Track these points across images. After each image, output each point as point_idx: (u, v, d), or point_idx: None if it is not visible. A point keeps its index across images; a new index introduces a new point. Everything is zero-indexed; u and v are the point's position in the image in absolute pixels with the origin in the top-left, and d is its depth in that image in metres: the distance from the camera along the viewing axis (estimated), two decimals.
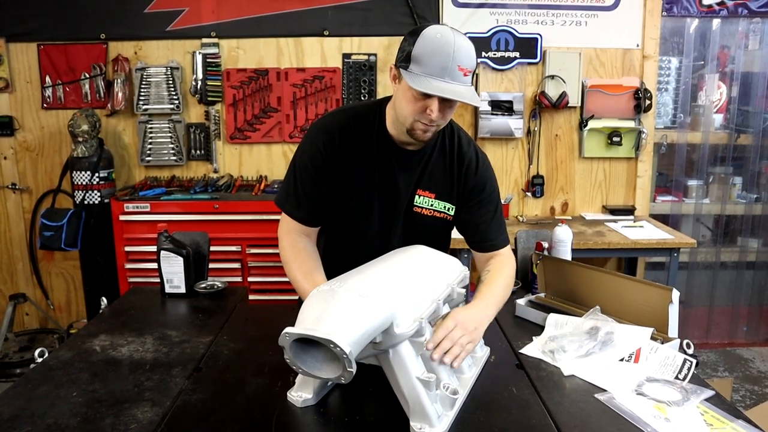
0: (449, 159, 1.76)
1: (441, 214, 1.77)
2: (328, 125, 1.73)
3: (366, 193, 1.73)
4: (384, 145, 1.71)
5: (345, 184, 1.72)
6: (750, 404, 3.42)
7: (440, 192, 1.76)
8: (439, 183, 1.76)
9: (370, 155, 1.71)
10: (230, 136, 3.91)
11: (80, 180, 3.62)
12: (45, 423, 1.27)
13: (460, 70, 1.50)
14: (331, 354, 1.13)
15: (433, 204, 1.76)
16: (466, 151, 1.79)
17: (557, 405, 1.35)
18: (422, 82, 1.49)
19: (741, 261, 4.31)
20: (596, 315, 1.67)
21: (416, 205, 1.75)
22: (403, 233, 1.76)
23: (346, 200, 1.74)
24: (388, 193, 1.73)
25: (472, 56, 1.54)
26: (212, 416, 1.30)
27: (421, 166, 1.74)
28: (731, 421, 1.26)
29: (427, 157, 1.74)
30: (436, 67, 1.49)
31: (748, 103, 4.12)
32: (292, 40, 3.85)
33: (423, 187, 1.74)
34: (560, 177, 4.06)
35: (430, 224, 1.76)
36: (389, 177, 1.72)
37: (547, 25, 3.87)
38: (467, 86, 1.52)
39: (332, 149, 1.69)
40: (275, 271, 3.57)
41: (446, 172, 1.76)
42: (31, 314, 4.18)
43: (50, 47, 3.81)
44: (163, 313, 1.98)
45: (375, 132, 1.72)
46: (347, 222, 1.78)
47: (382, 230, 1.76)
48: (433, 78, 1.49)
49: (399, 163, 1.72)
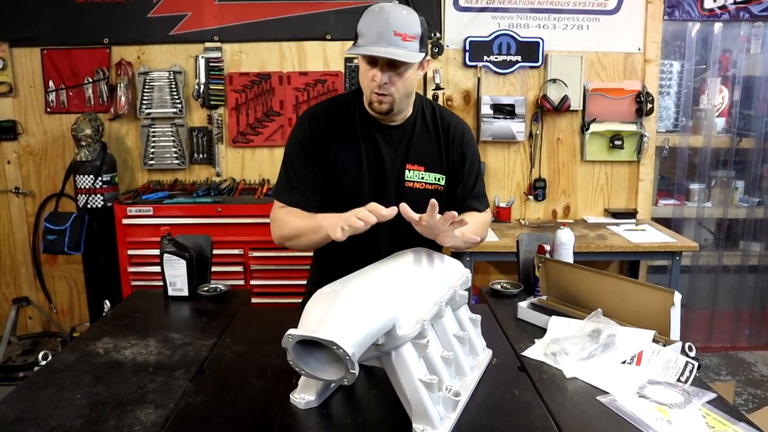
0: (434, 130, 1.86)
1: (432, 186, 1.85)
2: (311, 112, 1.86)
3: (356, 172, 1.81)
4: (366, 124, 1.82)
5: (335, 166, 1.81)
6: (752, 408, 3.41)
7: (429, 164, 1.84)
8: (427, 155, 1.84)
9: (354, 134, 1.81)
10: (233, 140, 3.92)
11: (83, 184, 3.63)
12: (49, 425, 1.27)
13: (397, 35, 1.61)
14: (334, 356, 1.13)
15: (424, 177, 1.84)
16: (450, 120, 1.90)
17: (559, 407, 1.35)
18: (356, 48, 1.64)
19: (743, 265, 4.31)
20: (598, 318, 1.67)
21: (408, 180, 1.83)
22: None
23: (337, 182, 1.82)
24: (377, 170, 1.82)
25: (411, 23, 1.64)
26: (215, 418, 1.31)
27: (405, 140, 1.83)
28: (733, 424, 1.26)
29: (410, 131, 1.83)
30: (372, 36, 1.61)
31: (750, 106, 4.12)
32: (295, 44, 3.86)
33: (411, 161, 1.83)
34: (562, 180, 4.06)
35: (421, 198, 1.79)
36: (376, 153, 1.82)
37: (548, 29, 3.88)
38: (405, 50, 1.62)
39: (318, 132, 1.80)
40: (278, 274, 3.57)
41: (432, 143, 1.85)
42: (34, 318, 4.19)
43: (53, 52, 3.83)
44: (166, 315, 1.99)
45: (357, 113, 1.82)
46: (340, 204, 1.80)
47: None
48: (369, 45, 1.61)
49: (383, 138, 1.82)
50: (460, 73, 3.92)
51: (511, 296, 2.06)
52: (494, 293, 2.10)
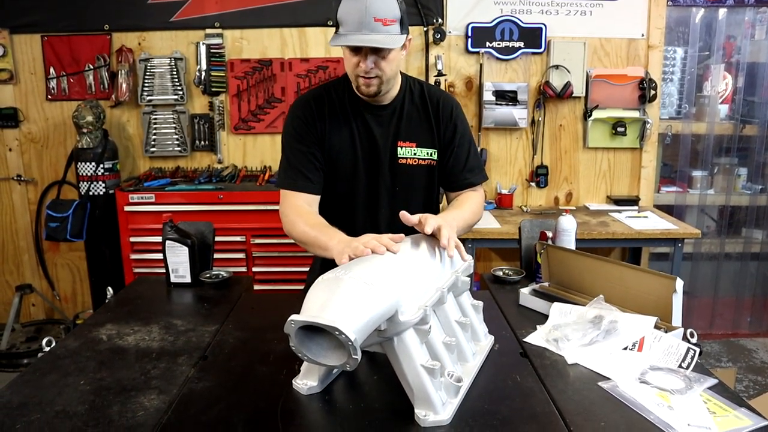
0: (422, 107, 1.89)
1: (425, 161, 1.89)
2: (302, 99, 1.91)
3: (350, 153, 1.85)
4: (356, 106, 1.86)
5: (329, 149, 1.85)
6: (753, 394, 3.43)
7: (420, 140, 1.88)
8: (418, 131, 1.88)
9: (345, 116, 1.86)
10: (234, 127, 3.91)
11: (85, 171, 3.63)
12: (53, 410, 1.28)
13: (377, 21, 1.63)
14: (337, 341, 1.13)
15: (416, 153, 1.88)
16: (438, 96, 1.92)
17: (561, 393, 1.35)
18: (339, 39, 1.66)
19: (745, 252, 4.31)
20: (600, 304, 1.67)
21: (401, 157, 1.87)
22: (392, 189, 1.88)
23: (333, 164, 1.86)
24: (370, 149, 1.86)
25: (390, 7, 1.66)
26: (218, 404, 1.31)
27: (395, 118, 1.86)
28: (734, 409, 1.27)
29: (398, 109, 1.87)
30: (353, 24, 1.64)
31: (754, 93, 4.10)
32: (296, 30, 3.84)
33: (402, 139, 1.87)
34: (564, 167, 4.05)
35: (416, 174, 1.88)
36: (367, 133, 1.86)
37: (551, 15, 3.85)
38: (387, 35, 1.65)
39: (311, 116, 1.85)
40: (280, 261, 3.58)
41: (422, 119, 1.89)
42: (37, 305, 4.20)
43: (54, 39, 3.81)
44: (169, 302, 1.99)
45: (346, 96, 1.87)
46: (337, 186, 1.89)
47: (370, 189, 1.87)
48: (351, 34, 1.64)
49: (373, 118, 1.86)
50: (462, 59, 3.90)
51: (513, 283, 2.07)
52: (496, 280, 2.10)
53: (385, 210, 1.89)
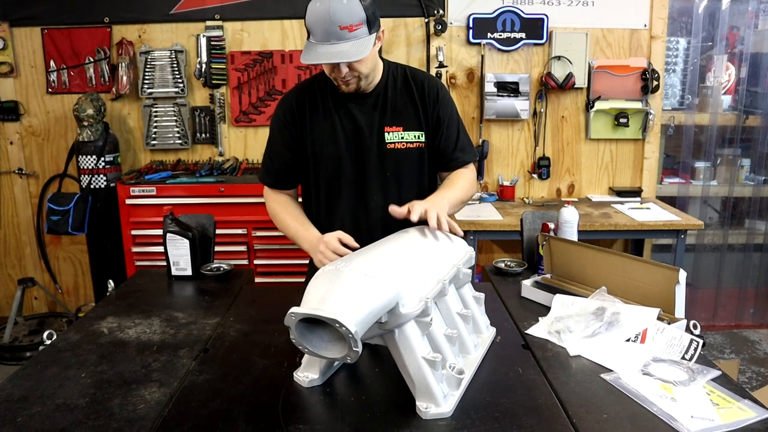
0: (406, 90, 1.90)
1: (414, 144, 1.90)
2: (285, 96, 1.96)
3: (333, 142, 1.87)
4: (338, 97, 1.87)
5: (312, 140, 1.88)
6: (756, 386, 3.42)
7: (407, 124, 1.89)
8: (403, 115, 1.89)
9: (327, 109, 1.87)
10: (235, 119, 3.90)
11: (86, 164, 3.63)
12: (54, 403, 1.28)
13: (342, 29, 1.62)
14: (337, 334, 1.13)
15: (404, 136, 1.88)
16: (423, 78, 1.93)
17: (563, 385, 1.35)
18: (310, 53, 1.66)
19: (748, 243, 4.29)
20: (602, 295, 1.66)
21: (389, 142, 1.88)
22: (381, 172, 1.88)
23: (317, 157, 1.88)
24: (354, 136, 1.87)
25: (352, 12, 1.64)
26: (219, 397, 1.31)
27: (379, 104, 1.87)
28: (737, 401, 1.26)
29: (382, 95, 1.88)
30: (320, 34, 1.64)
31: (757, 84, 4.08)
32: (297, 22, 3.83)
33: (389, 124, 1.87)
34: (566, 159, 4.04)
35: (405, 157, 1.89)
36: (352, 122, 1.87)
37: (553, 6, 3.83)
38: (355, 40, 1.64)
39: (292, 113, 1.89)
40: (281, 253, 3.58)
41: (407, 103, 1.89)
42: (39, 298, 4.21)
43: (54, 31, 3.80)
44: (170, 295, 1.99)
45: (328, 89, 1.87)
46: (324, 177, 1.91)
47: (359, 178, 1.88)
48: (320, 44, 1.65)
49: (357, 107, 1.86)
50: (464, 50, 3.88)
51: (515, 275, 2.06)
52: (498, 272, 2.10)
53: (378, 198, 1.89)
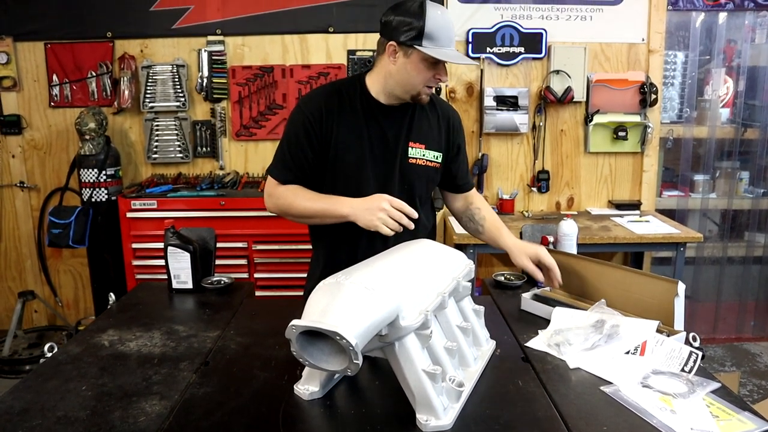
0: (431, 112, 1.99)
1: (432, 163, 1.97)
2: (313, 95, 1.96)
3: (358, 148, 1.89)
4: (369, 107, 1.90)
5: (336, 144, 1.88)
6: (757, 399, 3.41)
7: (429, 143, 1.96)
8: (427, 135, 1.96)
9: (357, 117, 1.89)
10: (236, 133, 3.92)
11: (87, 178, 3.64)
12: (55, 416, 1.28)
13: (455, 38, 1.83)
14: (338, 346, 1.13)
15: (425, 154, 1.96)
16: (446, 107, 2.06)
17: (563, 397, 1.35)
18: (446, 53, 1.76)
19: (748, 256, 4.30)
20: (602, 308, 1.67)
21: (411, 157, 1.94)
22: (401, 185, 1.93)
23: (340, 158, 1.89)
24: (379, 147, 1.91)
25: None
26: (220, 409, 1.31)
27: (407, 120, 1.93)
28: (737, 413, 1.26)
29: (410, 112, 1.94)
30: (446, 40, 1.76)
31: (755, 97, 4.10)
32: (297, 37, 3.86)
33: (413, 140, 1.94)
34: (566, 172, 4.05)
35: (423, 174, 1.96)
36: (378, 131, 1.91)
37: (551, 20, 3.86)
38: None
39: (320, 114, 1.87)
40: (281, 267, 3.58)
41: (431, 124, 1.98)
42: (39, 311, 4.21)
43: (57, 46, 3.83)
44: (171, 308, 1.99)
45: (358, 96, 1.90)
46: (344, 179, 1.91)
47: (378, 183, 1.90)
48: (447, 48, 1.77)
49: (386, 119, 1.91)
50: (463, 65, 3.90)
51: (515, 288, 2.07)
52: (498, 285, 2.10)
53: None
